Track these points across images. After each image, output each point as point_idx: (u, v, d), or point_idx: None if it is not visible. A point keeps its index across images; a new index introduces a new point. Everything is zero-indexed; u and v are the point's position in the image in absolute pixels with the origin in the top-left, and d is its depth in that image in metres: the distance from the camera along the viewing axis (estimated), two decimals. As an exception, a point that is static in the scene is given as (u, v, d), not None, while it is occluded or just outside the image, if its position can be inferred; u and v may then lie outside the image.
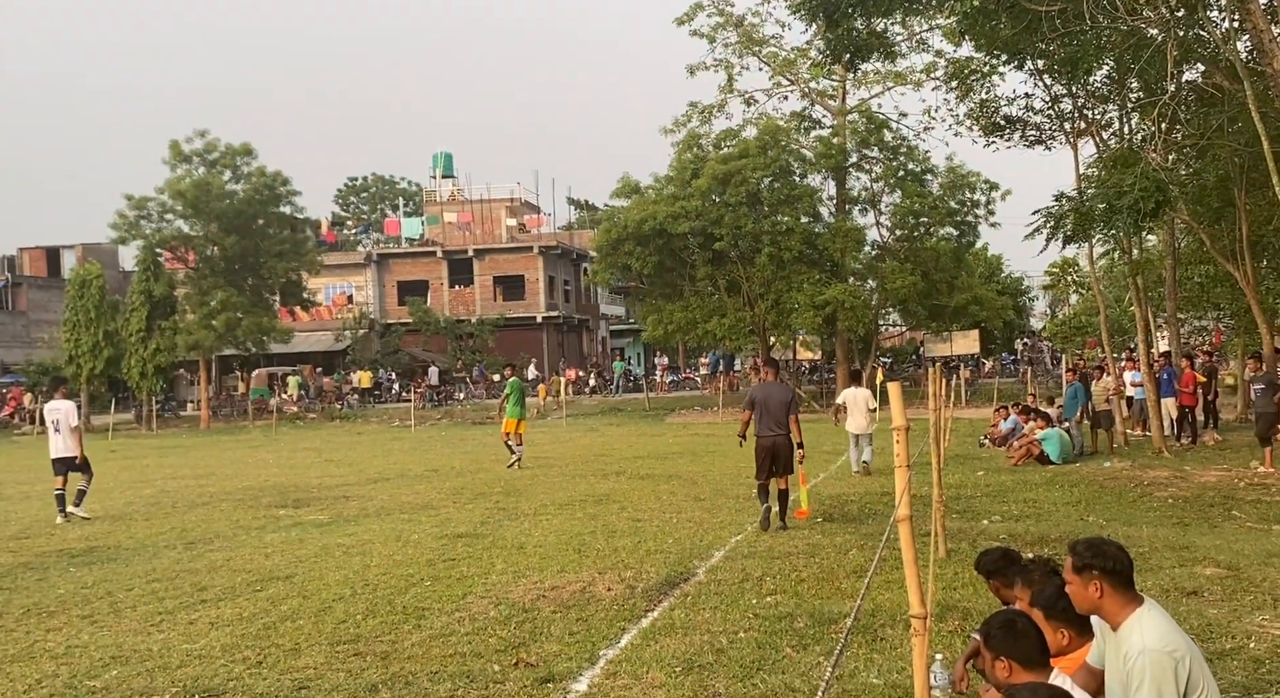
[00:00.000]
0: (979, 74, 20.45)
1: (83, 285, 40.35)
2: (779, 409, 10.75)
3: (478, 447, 24.59)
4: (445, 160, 63.24)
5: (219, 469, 20.74)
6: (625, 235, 34.41)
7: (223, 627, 7.30)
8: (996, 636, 3.86)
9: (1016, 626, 3.86)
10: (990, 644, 3.88)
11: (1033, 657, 3.80)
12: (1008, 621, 3.91)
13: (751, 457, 11.24)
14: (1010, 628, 3.86)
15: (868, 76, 35.66)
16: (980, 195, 34.55)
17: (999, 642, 3.84)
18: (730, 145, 35.18)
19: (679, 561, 9.16)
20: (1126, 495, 12.95)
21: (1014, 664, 3.79)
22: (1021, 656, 3.80)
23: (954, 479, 14.45)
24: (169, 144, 39.44)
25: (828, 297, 32.00)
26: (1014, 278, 56.26)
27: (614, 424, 32.53)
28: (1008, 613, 4.06)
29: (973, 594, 7.28)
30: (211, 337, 39.16)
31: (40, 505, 15.13)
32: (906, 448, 4.28)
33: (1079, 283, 51.06)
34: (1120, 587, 3.79)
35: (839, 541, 9.93)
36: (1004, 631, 3.86)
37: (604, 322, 64.18)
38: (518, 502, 13.69)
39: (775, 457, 10.74)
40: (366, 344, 51.92)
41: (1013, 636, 3.83)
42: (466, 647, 6.58)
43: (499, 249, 55.70)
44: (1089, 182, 16.66)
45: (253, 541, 11.15)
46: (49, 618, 7.77)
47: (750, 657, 6.16)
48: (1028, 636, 3.83)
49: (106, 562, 10.12)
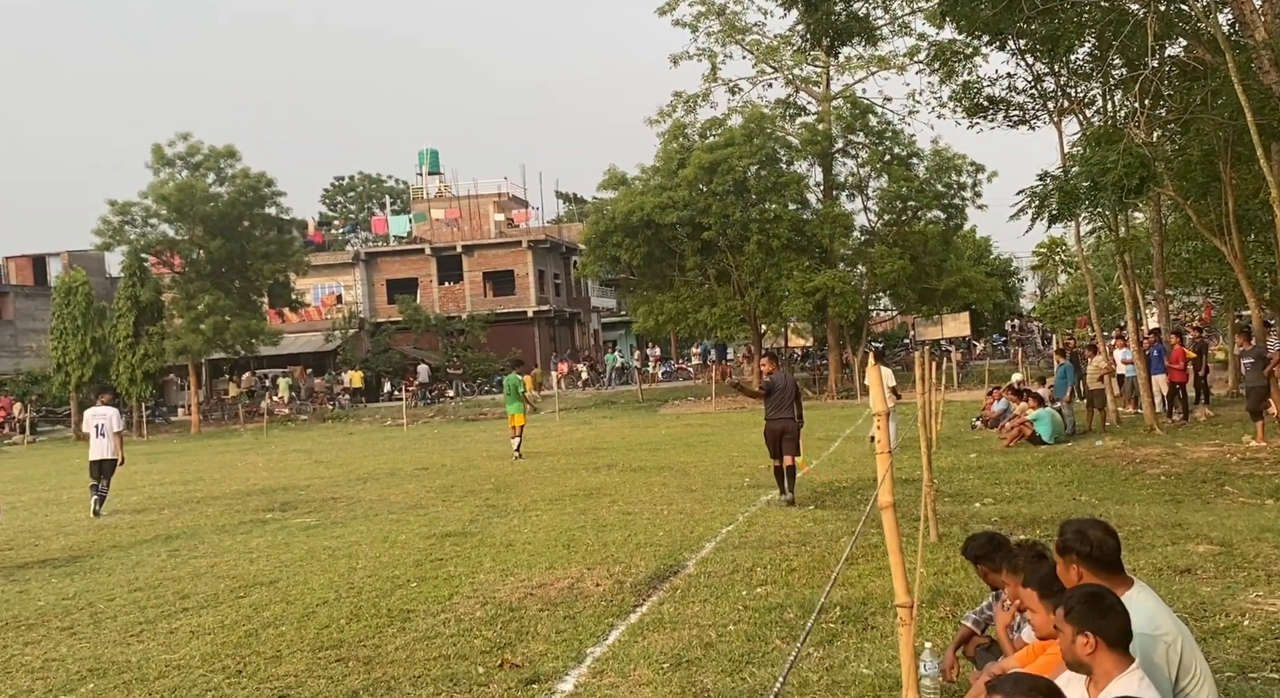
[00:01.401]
0: (961, 56, 20.37)
1: (69, 293, 40.11)
2: (789, 397, 11.84)
3: (469, 444, 24.48)
4: (431, 157, 62.99)
5: (208, 474, 20.59)
6: (614, 227, 34.29)
7: (203, 635, 7.18)
8: (1078, 610, 3.40)
9: (1104, 601, 3.41)
10: (1071, 618, 3.40)
11: (1121, 638, 3.37)
12: (1093, 594, 3.46)
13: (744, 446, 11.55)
14: (1100, 602, 3.41)
15: (851, 62, 35.63)
16: (967, 178, 34.47)
17: (1082, 616, 3.38)
18: (716, 134, 35.05)
19: (669, 553, 9.06)
20: (1119, 474, 12.89)
21: (1099, 641, 3.35)
22: (1110, 634, 3.35)
23: (946, 462, 14.38)
24: (151, 148, 39.23)
25: (817, 283, 31.92)
26: (1003, 259, 56.27)
27: (606, 417, 32.43)
28: (1090, 587, 3.57)
29: (964, 579, 7.18)
30: (200, 340, 38.96)
31: (25, 516, 14.97)
32: (888, 433, 4.18)
33: (1067, 262, 51.08)
34: (1101, 571, 3.69)
35: (830, 528, 9.84)
36: (1097, 606, 3.40)
37: (595, 314, 64.04)
38: (507, 498, 13.58)
39: (782, 438, 11.77)
40: (357, 344, 51.73)
41: (1099, 612, 3.38)
42: (451, 649, 6.47)
43: (488, 245, 55.50)
44: (1073, 160, 16.57)
45: (238, 546, 11.02)
46: (27, 631, 7.64)
47: (740, 650, 6.06)
48: (1117, 612, 3.39)
49: (89, 572, 9.99)
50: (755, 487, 13.30)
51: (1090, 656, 3.35)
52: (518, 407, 19.68)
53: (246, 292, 41.60)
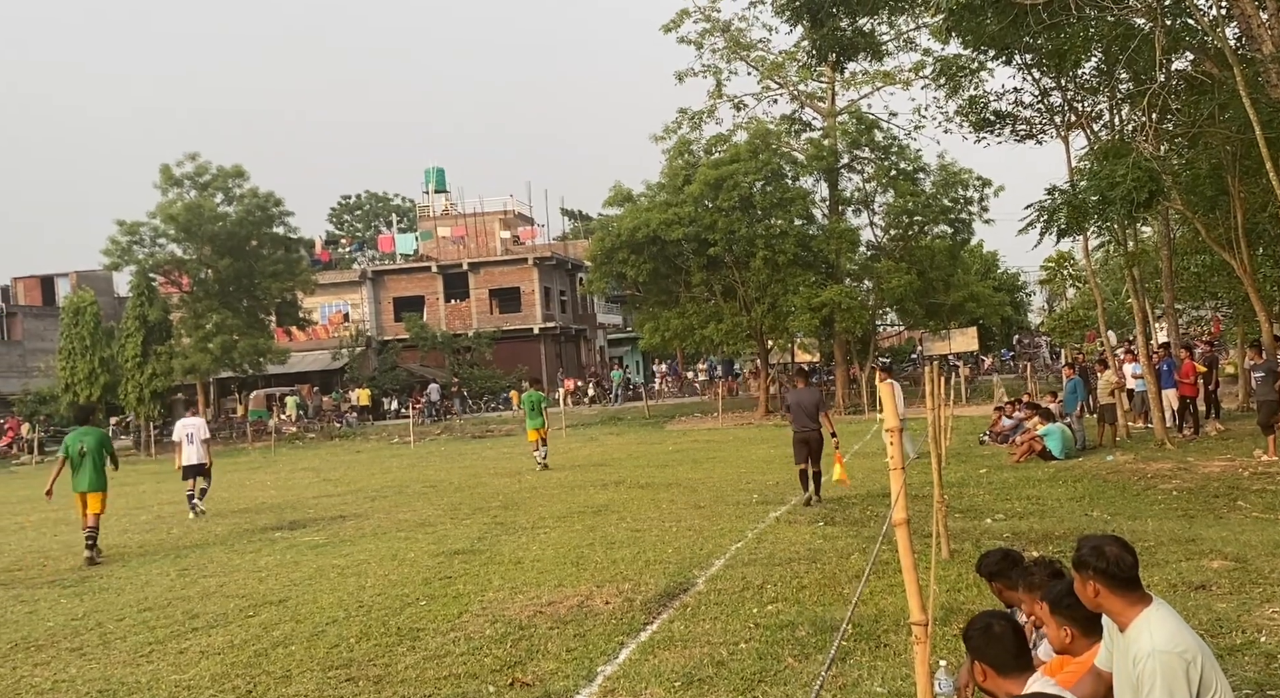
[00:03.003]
0: (967, 71, 20.36)
1: (77, 313, 40.22)
2: (811, 409, 13.05)
3: (476, 461, 24.44)
4: (438, 175, 63.21)
5: (216, 493, 20.52)
6: (619, 244, 34.30)
7: (213, 655, 7.15)
8: (974, 639, 3.82)
9: (993, 629, 3.79)
10: (969, 647, 3.87)
11: (1006, 662, 3.73)
12: (985, 624, 3.85)
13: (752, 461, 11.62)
14: (987, 631, 3.80)
15: (856, 77, 35.70)
16: (973, 192, 34.48)
17: (975, 645, 3.81)
18: (721, 150, 35.09)
19: (679, 571, 9.02)
20: (1130, 489, 12.82)
21: (988, 669, 3.75)
22: (994, 660, 3.74)
23: (956, 477, 14.32)
24: (160, 168, 39.52)
25: (824, 298, 31.89)
26: (1010, 274, 56.20)
27: (614, 433, 32.37)
28: (988, 615, 3.97)
29: (977, 596, 7.13)
30: (208, 359, 39.03)
31: (34, 537, 14.98)
32: (900, 449, 4.15)
33: (1075, 277, 50.98)
34: (1119, 588, 3.65)
35: (840, 545, 9.79)
36: (981, 634, 3.81)
37: (601, 331, 64.04)
38: (516, 515, 13.54)
39: (808, 446, 12.92)
40: (364, 362, 51.77)
41: (988, 639, 3.78)
42: (461, 668, 6.44)
43: (494, 262, 55.59)
44: (1081, 174, 16.55)
45: (247, 564, 11.00)
46: (37, 652, 7.62)
47: (751, 668, 6.02)
48: (1002, 640, 3.76)
49: (98, 592, 9.97)
50: (764, 503, 13.25)
51: (984, 683, 3.79)
52: (540, 421, 20.64)
53: (254, 310, 41.72)
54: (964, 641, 3.92)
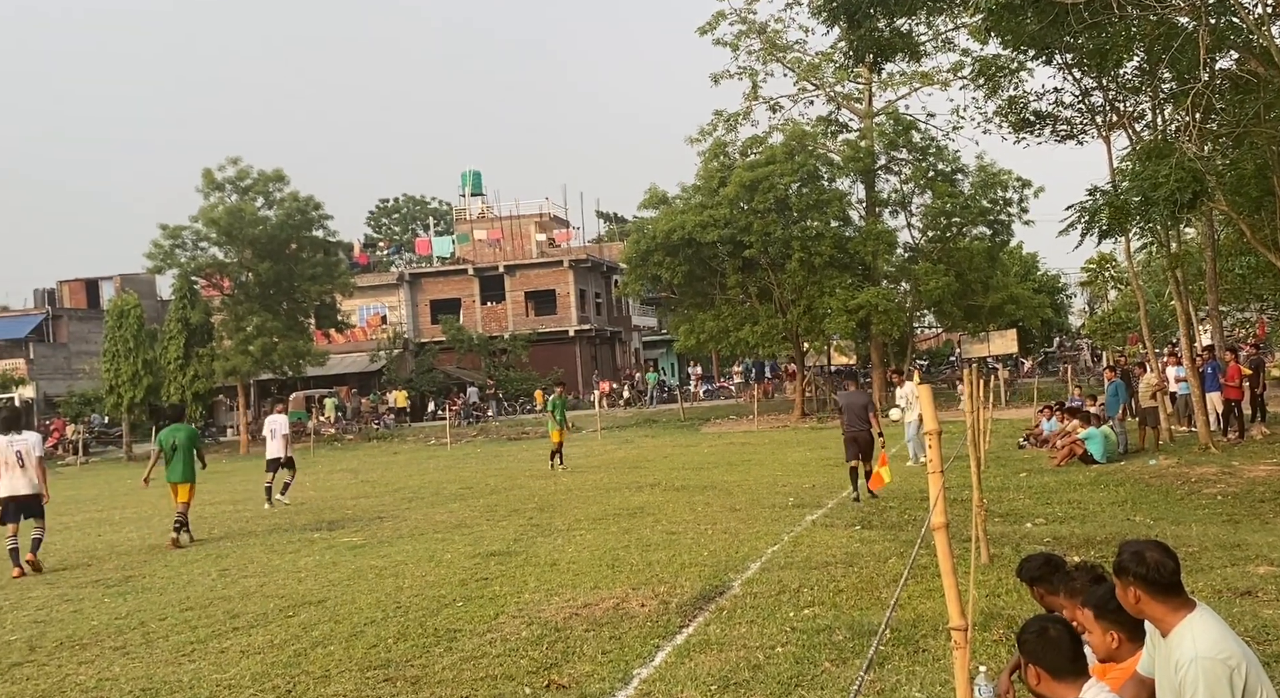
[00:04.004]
0: (1006, 71, 20.16)
1: (121, 315, 40.81)
2: (861, 410, 13.93)
3: (512, 463, 24.53)
4: (474, 178, 63.58)
5: (256, 493, 20.76)
6: (654, 246, 34.32)
7: (253, 655, 7.23)
8: (1029, 642, 3.75)
9: (1049, 633, 3.72)
10: (1023, 650, 3.79)
11: (1062, 666, 3.66)
12: (1041, 627, 3.78)
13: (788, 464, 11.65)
14: (1042, 635, 3.73)
15: (893, 78, 35.47)
16: (1013, 193, 34.17)
17: (1030, 648, 3.74)
18: (757, 152, 35.02)
19: (714, 574, 9.00)
20: (1174, 494, 12.63)
21: (1043, 673, 3.68)
22: (1050, 664, 3.67)
23: (995, 482, 14.19)
24: (202, 172, 39.98)
25: (861, 301, 31.71)
26: (1050, 276, 55.58)
27: (649, 436, 32.39)
28: (1043, 619, 3.91)
29: (1017, 601, 7.06)
30: (249, 362, 39.46)
31: (79, 537, 15.20)
32: (939, 452, 4.11)
33: (1117, 278, 50.32)
34: (1159, 595, 3.59)
35: (878, 549, 9.72)
36: (1036, 637, 3.74)
37: (636, 333, 64.09)
38: (551, 517, 13.58)
39: (859, 445, 13.72)
40: (401, 364, 52.15)
41: (1043, 643, 3.71)
42: (498, 669, 6.46)
43: (529, 265, 55.82)
44: (1123, 175, 16.33)
45: (286, 565, 11.11)
46: (81, 650, 7.73)
47: (788, 672, 5.99)
48: (1059, 644, 3.69)
49: (141, 591, 10.11)
50: (800, 506, 13.19)
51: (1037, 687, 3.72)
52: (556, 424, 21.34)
53: (294, 313, 42.14)
54: (1018, 644, 3.85)
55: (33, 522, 11.81)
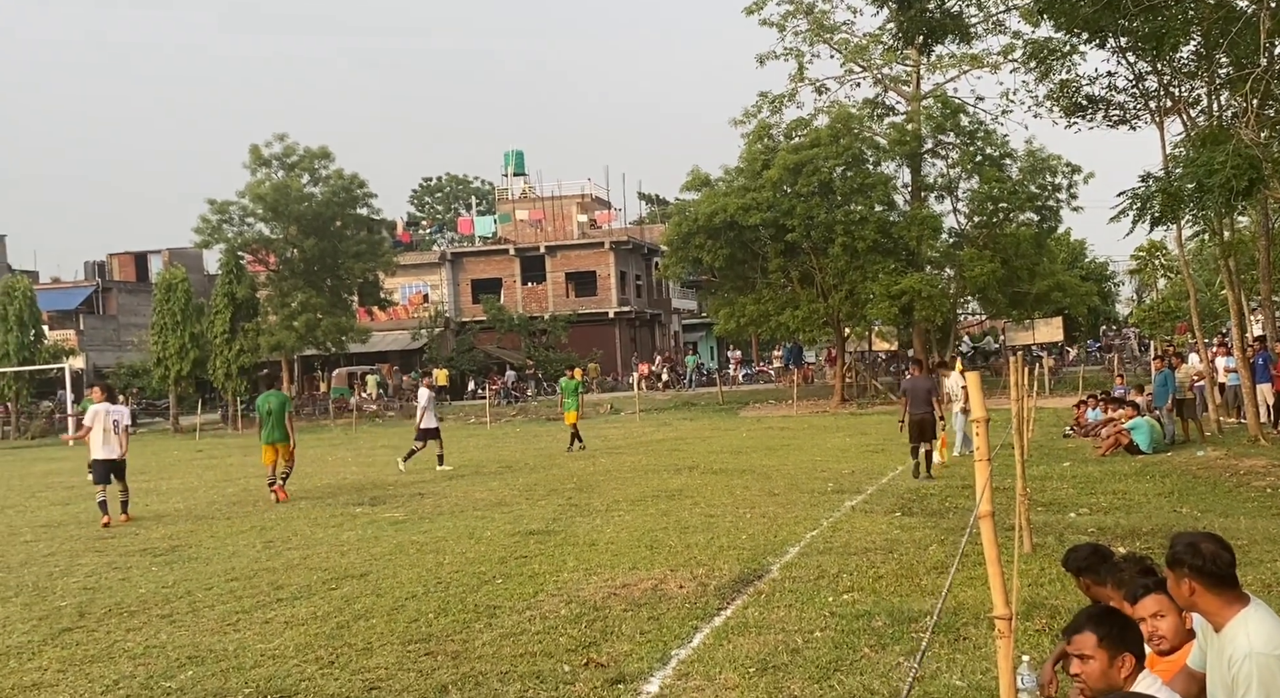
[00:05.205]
0: (1059, 54, 19.80)
1: (169, 289, 41.39)
2: (924, 394, 14.63)
3: (551, 443, 24.64)
4: (517, 158, 63.71)
5: (299, 468, 20.92)
6: (696, 228, 34.18)
7: (297, 626, 7.33)
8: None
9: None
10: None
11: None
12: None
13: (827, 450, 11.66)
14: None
15: (942, 60, 35.01)
16: (1062, 179, 33.57)
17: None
18: (801, 135, 34.70)
19: (752, 557, 8.99)
20: (1222, 485, 12.44)
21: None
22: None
23: (1038, 471, 14.04)
24: (249, 149, 40.44)
25: (904, 286, 31.39)
26: (1098, 263, 54.75)
27: (687, 418, 32.39)
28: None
29: (1060, 591, 7.00)
30: (293, 337, 39.92)
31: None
32: (987, 441, 4.06)
33: (1167, 266, 49.47)
34: (1215, 587, 3.53)
35: (918, 536, 9.66)
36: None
37: (676, 316, 64.02)
38: (590, 498, 13.63)
39: (922, 428, 14.39)
40: (442, 343, 52.50)
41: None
42: (537, 646, 6.51)
43: (570, 245, 55.88)
44: (1176, 161, 16.01)
45: (329, 538, 11.25)
46: (129, 617, 7.88)
47: (827, 657, 5.98)
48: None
49: (188, 561, 10.29)
50: (840, 492, 13.14)
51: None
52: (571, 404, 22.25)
53: (337, 290, 42.55)
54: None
55: (119, 485, 13.60)
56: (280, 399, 15.69)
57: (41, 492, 18.70)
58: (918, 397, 14.71)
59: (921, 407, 14.58)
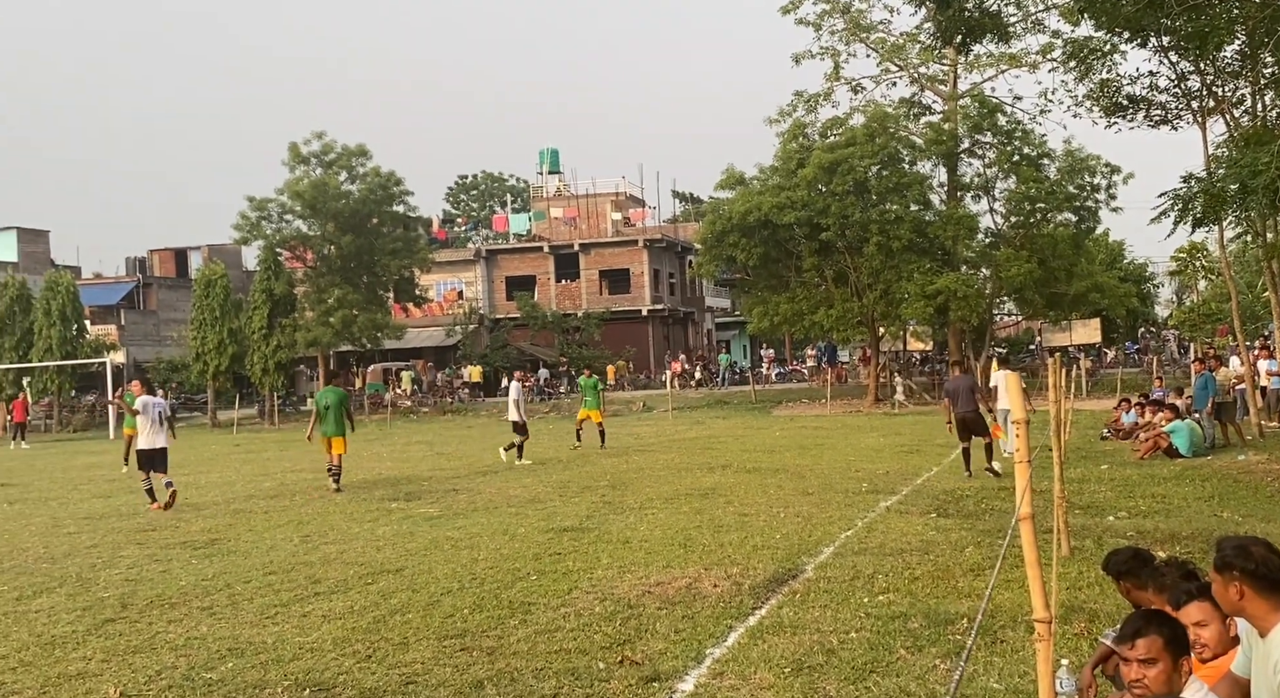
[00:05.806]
0: (1099, 53, 19.60)
1: (208, 285, 41.90)
2: (968, 394, 14.80)
3: (585, 440, 24.65)
4: (552, 156, 63.90)
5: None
6: (730, 227, 34.15)
7: (334, 620, 7.41)
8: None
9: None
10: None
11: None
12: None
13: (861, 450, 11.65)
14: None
15: (980, 60, 34.71)
16: (1101, 179, 33.26)
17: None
18: (837, 134, 34.58)
19: (787, 557, 8.98)
20: (1264, 490, 12.26)
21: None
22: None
23: (1076, 474, 13.89)
24: (288, 146, 40.84)
25: (939, 286, 31.19)
26: (1137, 264, 54.09)
27: (720, 417, 32.35)
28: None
29: (1099, 595, 6.94)
30: (329, 333, 40.27)
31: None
32: (1027, 443, 4.04)
33: (1208, 268, 48.78)
34: (1265, 591, 3.49)
35: (954, 537, 9.61)
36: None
37: (709, 314, 63.95)
38: (623, 495, 13.66)
39: (967, 426, 14.58)
40: (476, 339, 52.77)
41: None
42: (572, 643, 6.54)
43: (604, 243, 55.96)
44: (1219, 162, 15.80)
45: (365, 533, 11.36)
46: (170, 609, 8.00)
47: (862, 658, 5.96)
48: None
49: (227, 554, 10.42)
50: (874, 492, 13.08)
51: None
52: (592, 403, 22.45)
53: (373, 286, 42.86)
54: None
55: (162, 474, 14.21)
56: (339, 395, 16.28)
57: (83, 484, 18.99)
58: (961, 396, 14.85)
59: (966, 405, 14.73)
